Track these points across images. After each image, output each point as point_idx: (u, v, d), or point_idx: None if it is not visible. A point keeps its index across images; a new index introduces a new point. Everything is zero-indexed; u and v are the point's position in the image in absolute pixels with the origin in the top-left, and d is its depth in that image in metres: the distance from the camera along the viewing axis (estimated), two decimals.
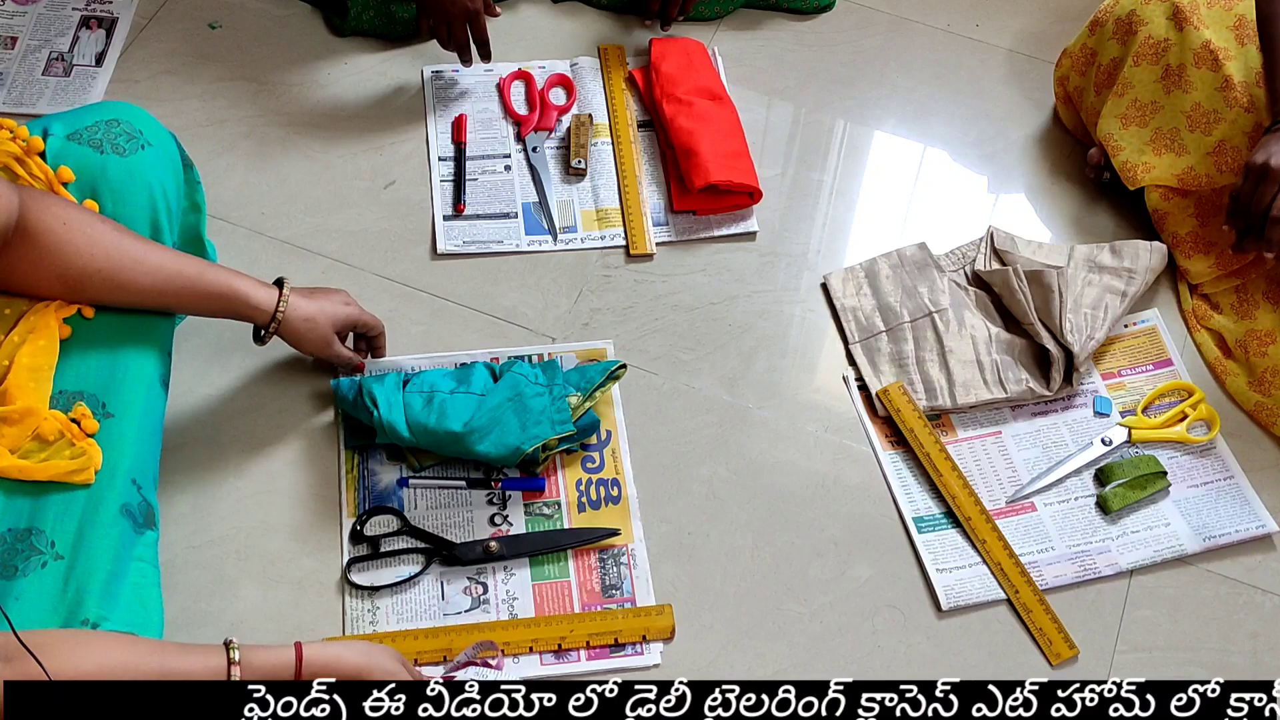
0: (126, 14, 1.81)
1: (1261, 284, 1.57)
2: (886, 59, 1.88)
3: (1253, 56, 1.54)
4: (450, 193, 1.67)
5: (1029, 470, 1.47)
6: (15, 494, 1.10)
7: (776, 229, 1.67)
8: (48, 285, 1.18)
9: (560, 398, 1.41)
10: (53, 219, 1.15)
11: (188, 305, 1.27)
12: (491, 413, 1.38)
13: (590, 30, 1.87)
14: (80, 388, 1.17)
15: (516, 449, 1.37)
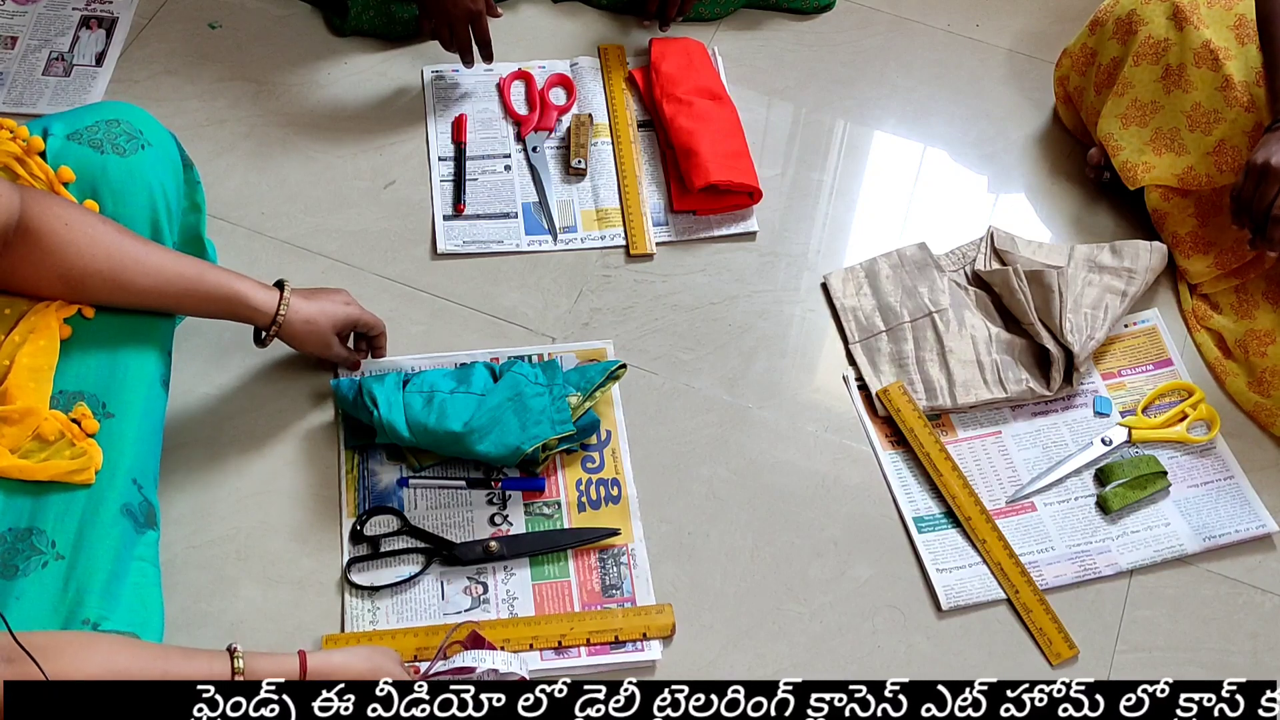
0: (126, 14, 1.81)
1: (1261, 284, 1.57)
2: (886, 59, 1.88)
3: (1253, 56, 1.54)
4: (450, 193, 1.67)
5: (1029, 470, 1.47)
6: (16, 494, 1.10)
7: (776, 229, 1.67)
8: (49, 285, 1.18)
9: (560, 398, 1.41)
10: (54, 219, 1.15)
11: (188, 306, 1.27)
12: (491, 412, 1.38)
13: (590, 30, 1.87)
14: (81, 388, 1.17)
15: (516, 449, 1.37)
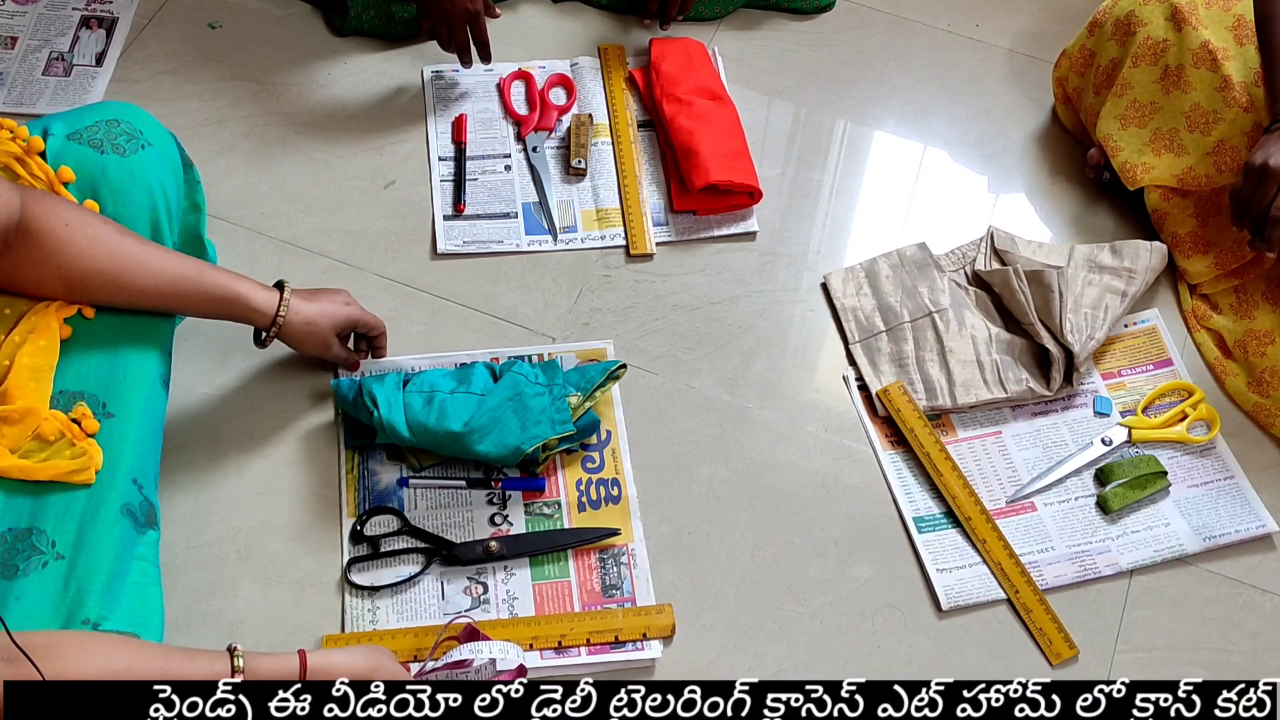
0: (127, 14, 1.81)
1: (1261, 284, 1.57)
2: (886, 59, 1.88)
3: (1251, 56, 1.54)
4: (450, 193, 1.67)
5: (1029, 470, 1.47)
6: (16, 494, 1.10)
7: (776, 229, 1.67)
8: (50, 286, 1.18)
9: (560, 397, 1.41)
10: (55, 220, 1.15)
11: (188, 307, 1.27)
12: (491, 412, 1.38)
13: (590, 30, 1.87)
14: (81, 388, 1.17)
15: (516, 449, 1.37)
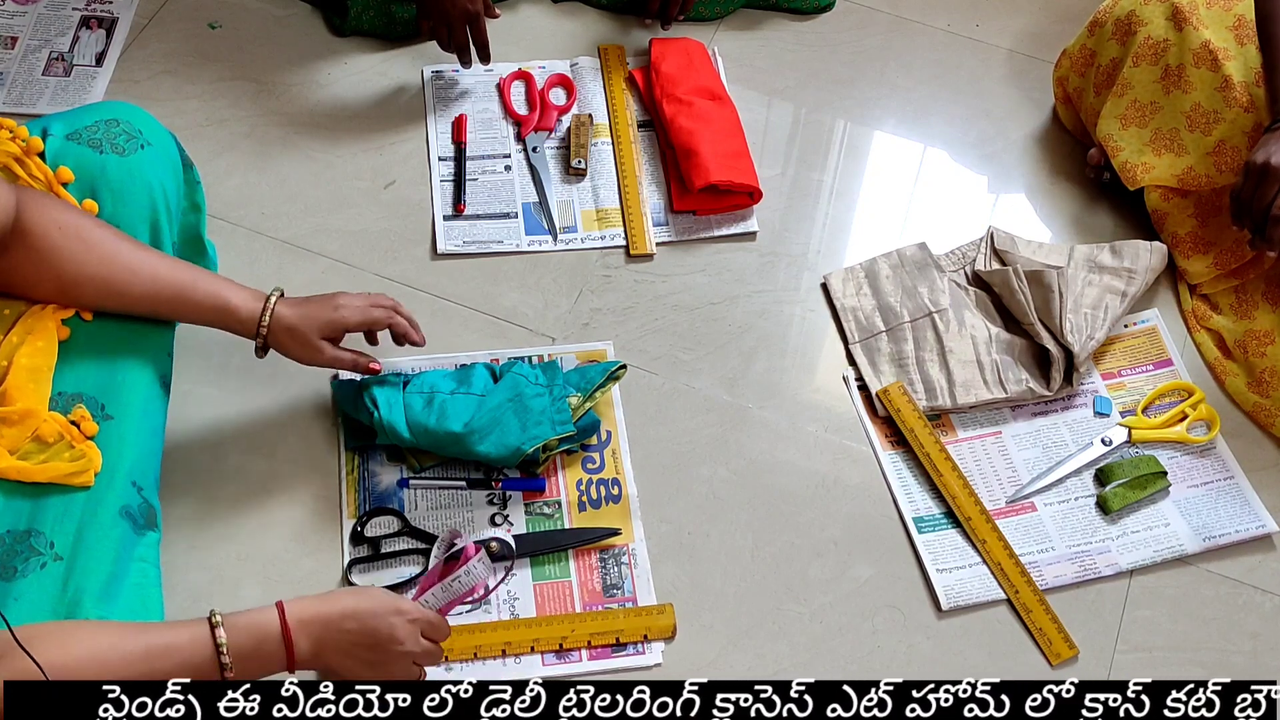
0: (126, 14, 1.81)
1: (1260, 285, 1.57)
2: (886, 59, 1.88)
3: (1252, 56, 1.54)
4: (450, 193, 1.67)
5: (1029, 470, 1.47)
6: (15, 496, 1.10)
7: (776, 229, 1.68)
8: (44, 289, 1.18)
9: (560, 398, 1.41)
10: (49, 223, 1.15)
11: (181, 314, 1.25)
12: (492, 413, 1.38)
13: (590, 30, 1.87)
14: (79, 390, 1.17)
15: (517, 449, 1.37)
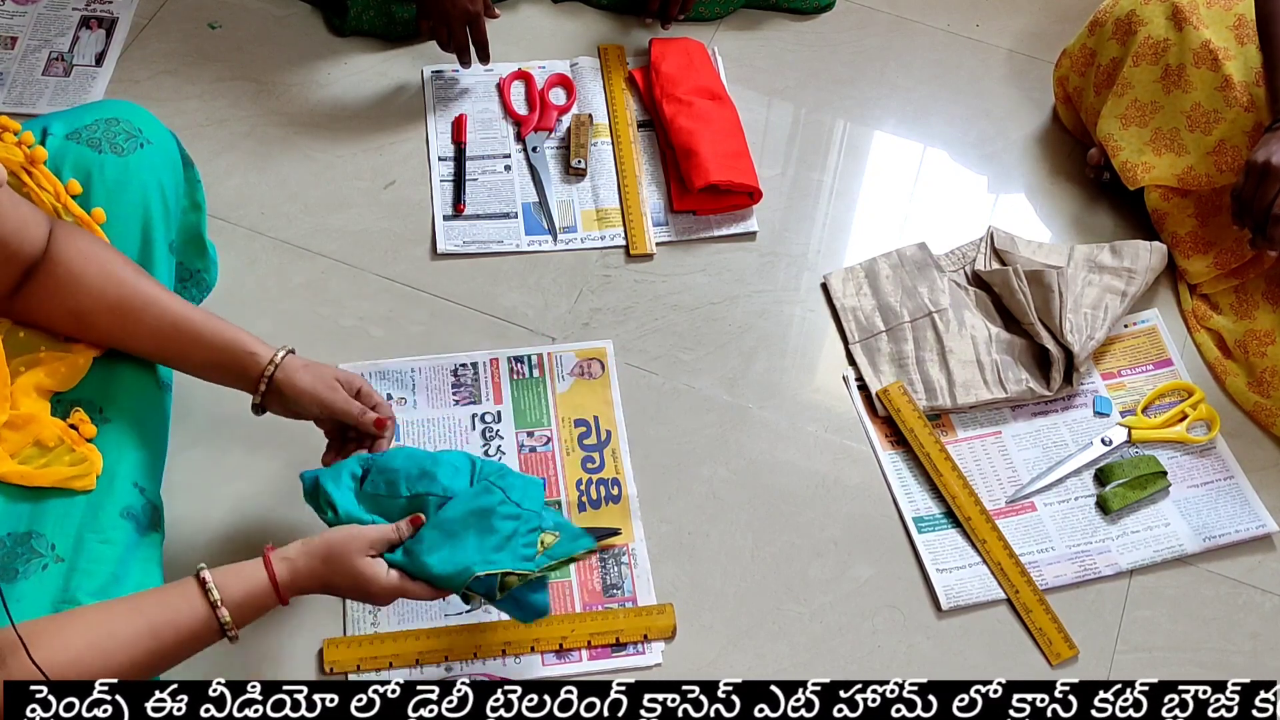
0: (126, 14, 1.81)
1: (1261, 284, 1.57)
2: (887, 59, 1.88)
3: (1252, 56, 1.54)
4: (450, 193, 1.67)
5: (1029, 470, 1.47)
6: (15, 498, 1.10)
7: (776, 229, 1.68)
8: (59, 318, 1.17)
9: (532, 530, 1.18)
10: (76, 252, 1.15)
11: (190, 353, 1.21)
12: (449, 524, 1.16)
13: (590, 30, 1.87)
14: (77, 394, 1.17)
15: (466, 569, 1.13)
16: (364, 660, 1.29)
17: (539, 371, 1.51)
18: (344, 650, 1.29)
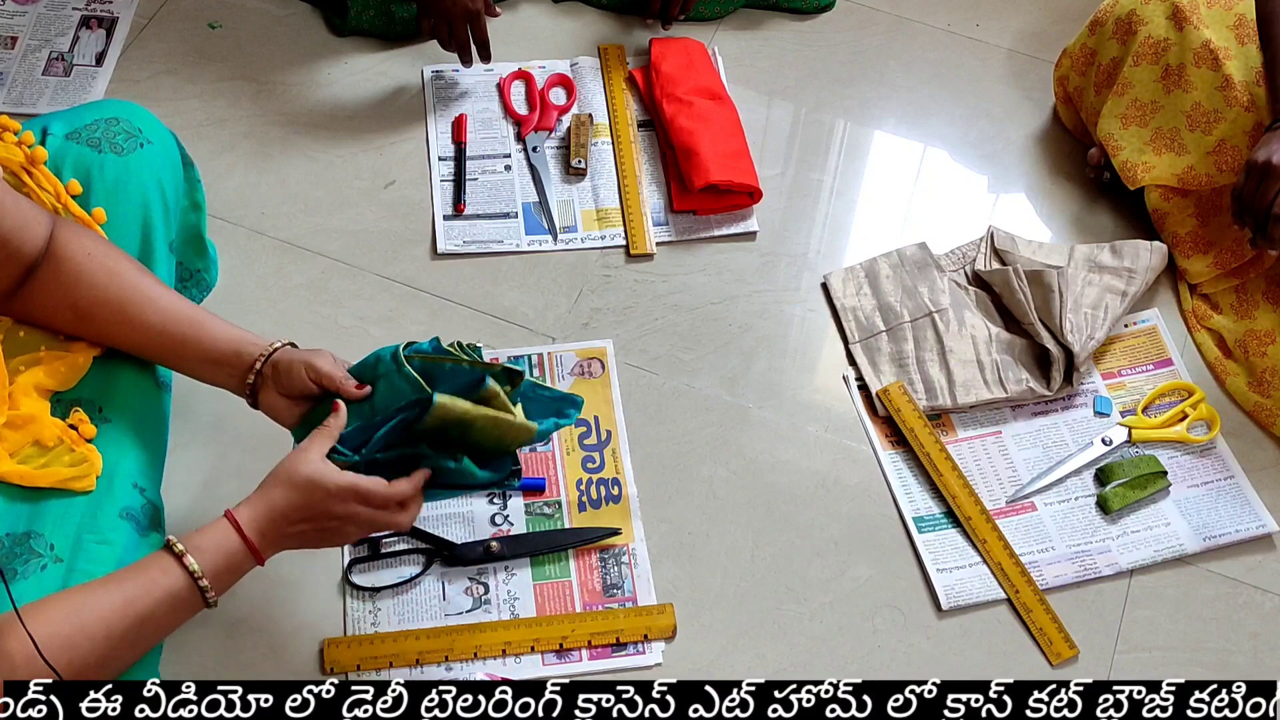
0: (126, 14, 1.81)
1: (1261, 284, 1.57)
2: (887, 59, 1.88)
3: (1253, 56, 1.54)
4: (450, 192, 1.67)
5: (1029, 470, 1.47)
6: (14, 498, 1.10)
7: (776, 229, 1.68)
8: (61, 316, 1.17)
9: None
10: (79, 249, 1.15)
11: (188, 352, 1.21)
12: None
13: (590, 30, 1.87)
14: (76, 394, 1.17)
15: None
16: (364, 660, 1.29)
17: (539, 371, 1.51)
18: (344, 650, 1.29)
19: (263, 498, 1.10)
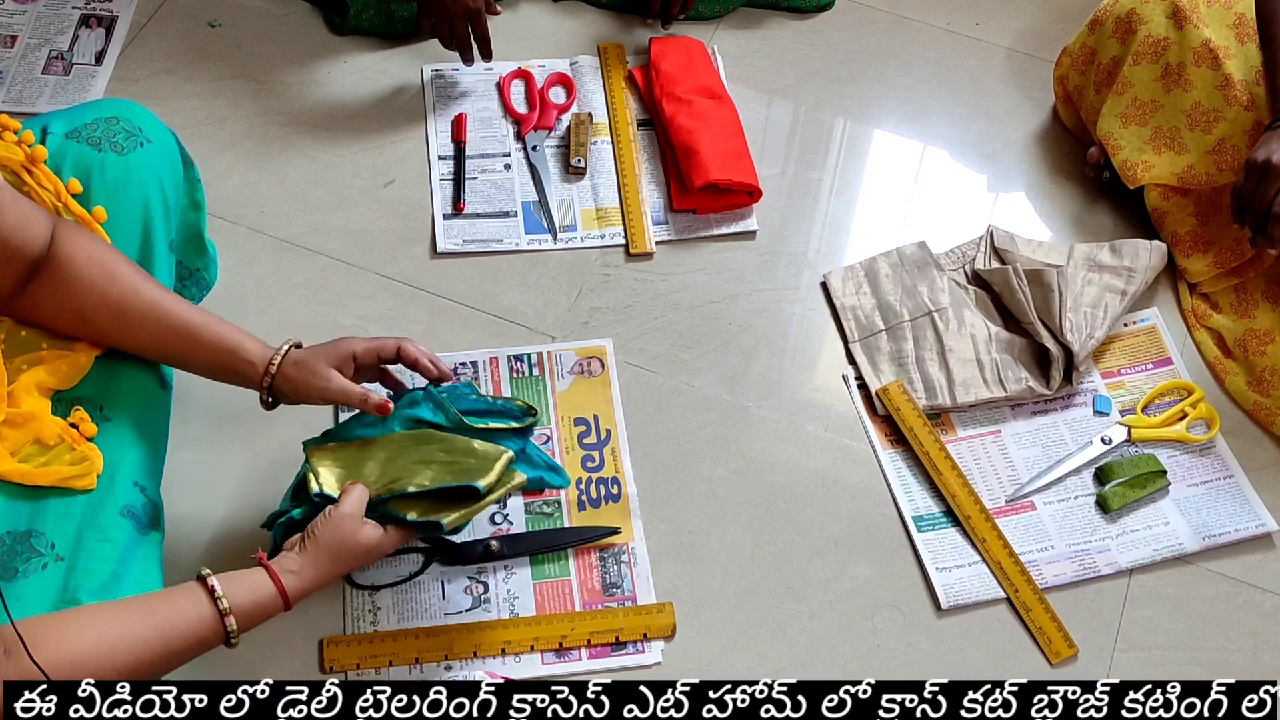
0: (126, 12, 1.81)
1: (1260, 283, 1.57)
2: (886, 58, 1.88)
3: (1252, 55, 1.54)
4: (450, 191, 1.67)
5: (1028, 469, 1.47)
6: (15, 497, 1.10)
7: (776, 228, 1.67)
8: (64, 319, 1.17)
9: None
10: (79, 251, 1.15)
11: (191, 354, 1.22)
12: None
13: (590, 29, 1.87)
14: (77, 393, 1.17)
15: None
16: (363, 659, 1.29)
17: (539, 370, 1.51)
18: (343, 649, 1.29)
19: (315, 571, 1.14)
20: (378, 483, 1.21)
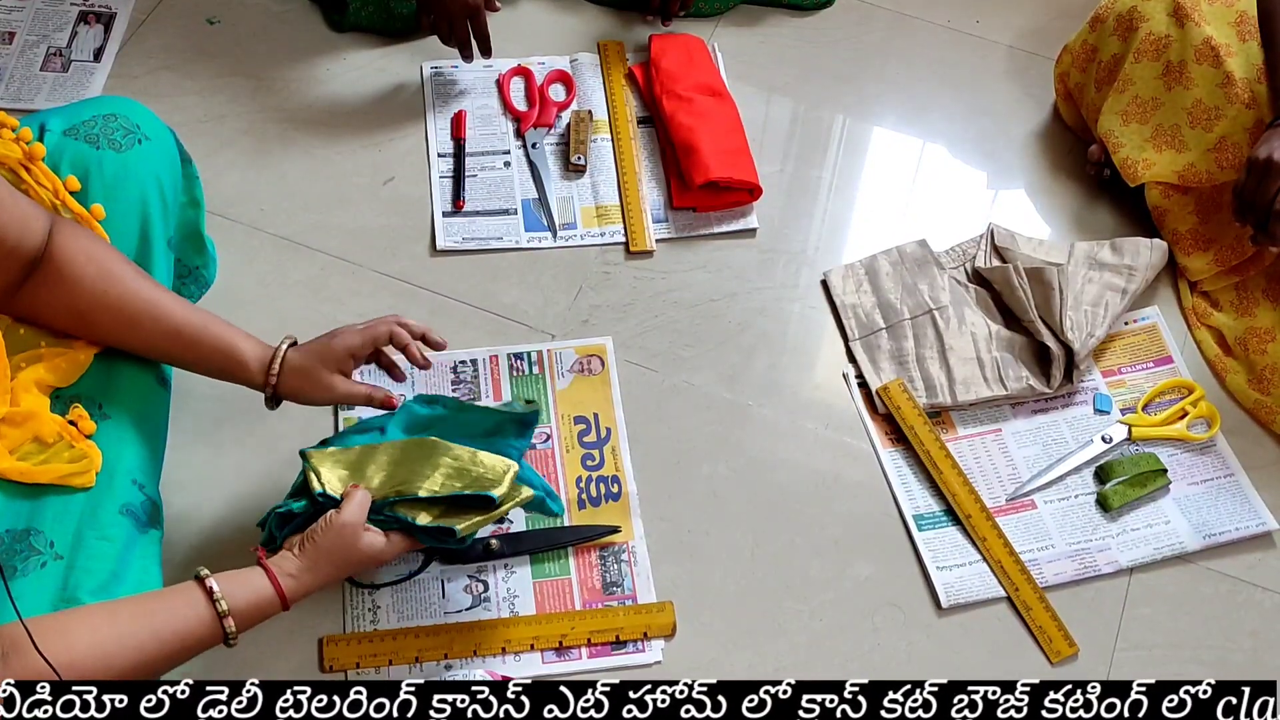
0: (125, 9, 1.81)
1: (1261, 281, 1.57)
2: (887, 55, 1.88)
3: (1254, 53, 1.54)
4: (450, 189, 1.67)
5: (1029, 468, 1.47)
6: (14, 495, 1.09)
7: (776, 226, 1.67)
8: (62, 318, 1.17)
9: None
10: (78, 250, 1.15)
11: (190, 355, 1.22)
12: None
13: (590, 26, 1.86)
14: (76, 390, 1.17)
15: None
16: (363, 657, 1.28)
17: (538, 368, 1.51)
18: (343, 648, 1.29)
19: (314, 576, 1.14)
20: (382, 486, 1.21)
